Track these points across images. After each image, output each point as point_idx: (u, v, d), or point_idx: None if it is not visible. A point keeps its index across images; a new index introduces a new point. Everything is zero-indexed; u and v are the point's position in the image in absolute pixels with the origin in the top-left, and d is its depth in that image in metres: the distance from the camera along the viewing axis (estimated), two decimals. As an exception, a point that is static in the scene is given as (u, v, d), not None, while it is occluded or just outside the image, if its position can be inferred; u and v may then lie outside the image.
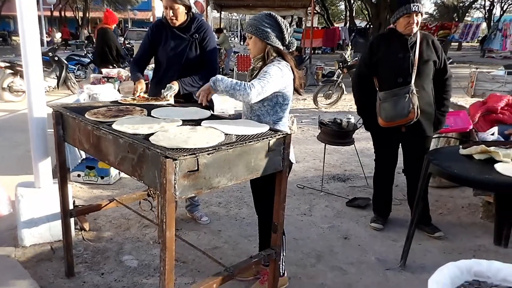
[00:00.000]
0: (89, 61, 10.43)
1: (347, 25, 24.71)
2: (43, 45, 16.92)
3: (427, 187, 2.85)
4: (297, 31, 18.04)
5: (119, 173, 3.84)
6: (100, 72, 5.40)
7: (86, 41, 19.82)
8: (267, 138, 1.70)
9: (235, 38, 34.66)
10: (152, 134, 1.65)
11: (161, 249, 1.49)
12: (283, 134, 1.78)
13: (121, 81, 4.62)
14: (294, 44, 2.07)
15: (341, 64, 8.22)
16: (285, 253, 2.24)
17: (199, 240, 2.82)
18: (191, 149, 1.48)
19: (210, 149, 1.50)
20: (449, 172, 2.18)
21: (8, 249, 2.57)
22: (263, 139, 1.69)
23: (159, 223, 1.49)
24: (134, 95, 2.52)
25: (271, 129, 1.84)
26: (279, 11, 16.57)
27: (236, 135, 1.71)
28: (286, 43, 2.03)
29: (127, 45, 15.02)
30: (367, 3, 22.76)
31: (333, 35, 19.81)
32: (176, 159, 1.39)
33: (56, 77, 8.30)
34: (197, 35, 2.66)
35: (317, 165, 4.40)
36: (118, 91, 4.39)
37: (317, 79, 10.23)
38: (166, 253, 1.47)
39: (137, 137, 1.61)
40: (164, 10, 2.61)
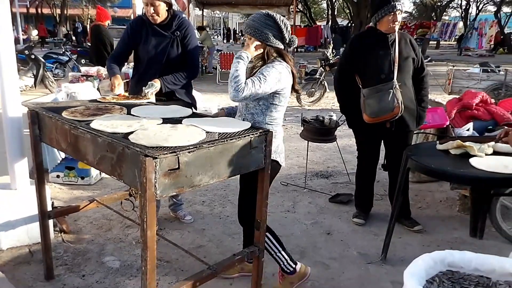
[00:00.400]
0: (67, 59, 10.22)
1: (329, 23, 24.90)
2: (19, 43, 16.41)
3: (407, 182, 2.91)
4: (279, 30, 18.04)
5: (100, 173, 3.77)
6: (79, 70, 5.28)
7: (64, 39, 19.39)
8: (248, 135, 1.71)
9: (218, 36, 34.50)
10: (131, 132, 1.63)
11: (142, 248, 1.47)
12: (265, 131, 1.78)
13: (101, 80, 4.54)
14: (295, 42, 2.03)
15: (323, 62, 8.28)
16: (278, 247, 2.18)
17: (182, 239, 2.81)
18: (171, 147, 1.48)
19: (191, 147, 1.49)
20: (427, 167, 2.24)
21: (-16, 253, 2.51)
22: (245, 136, 1.69)
23: (140, 223, 1.47)
24: (112, 91, 2.48)
25: (253, 126, 1.85)
26: (261, 9, 16.59)
27: (218, 133, 1.71)
28: (286, 42, 2.00)
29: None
30: (348, 2, 23.00)
31: (315, 34, 19.96)
32: (156, 158, 1.38)
33: (33, 76, 8.10)
34: (179, 33, 2.64)
35: (300, 162, 4.43)
36: (97, 90, 4.31)
37: (300, 77, 10.30)
38: (147, 252, 1.46)
39: (116, 136, 1.59)
40: (144, 7, 2.58)
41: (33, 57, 8.18)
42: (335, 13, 27.50)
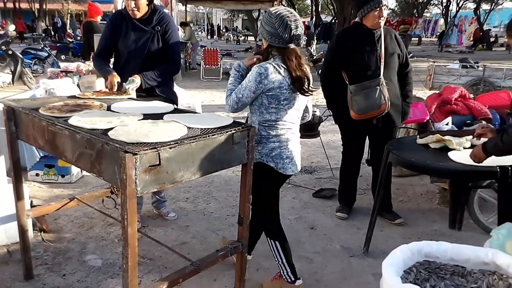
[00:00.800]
0: (47, 55, 9.97)
1: (313, 19, 24.98)
2: (-4, 38, 15.95)
3: (389, 176, 2.96)
4: (264, 25, 18.00)
5: (81, 171, 3.71)
6: (59, 66, 5.15)
7: (43, 34, 18.90)
8: (230, 131, 1.70)
9: (202, 32, 34.22)
10: (111, 128, 1.60)
11: (123, 246, 1.45)
12: (247, 127, 1.78)
13: (81, 76, 4.45)
14: (299, 38, 1.88)
15: (307, 58, 8.32)
16: (282, 257, 2.13)
17: (166, 236, 2.79)
18: (152, 143, 1.46)
19: (172, 143, 1.48)
20: (407, 161, 2.28)
21: (-40, 254, 2.44)
22: (227, 132, 1.68)
23: (121, 220, 1.45)
24: (112, 90, 2.42)
25: (235, 122, 1.84)
26: (245, 5, 16.49)
27: (199, 129, 1.69)
28: (286, 39, 1.87)
29: (88, 39, 14.43)
30: (332, -2, 23.09)
31: (299, 30, 19.94)
32: (136, 154, 1.36)
33: (10, 72, 7.88)
34: (159, 27, 2.60)
35: (284, 158, 4.44)
36: (77, 86, 4.22)
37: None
38: (128, 250, 1.44)
39: (95, 132, 1.56)
40: (125, 1, 2.53)
41: (10, 53, 7.96)
42: (319, 9, 27.59)
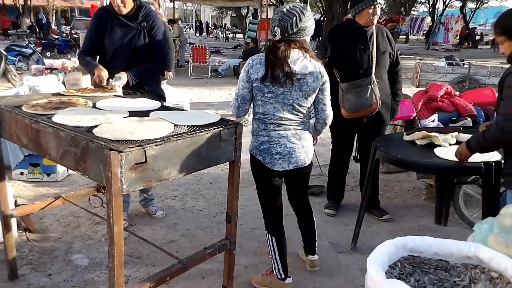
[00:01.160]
0: (31, 52, 9.81)
1: (301, 17, 24.99)
2: (-21, 35, 15.60)
3: (377, 173, 2.98)
4: (253, 23, 18.01)
5: (67, 169, 3.66)
6: (44, 63, 5.08)
7: (28, 31, 18.56)
8: (218, 128, 1.69)
9: (190, 29, 33.96)
10: (96, 126, 1.58)
11: (109, 244, 1.44)
12: (234, 124, 1.77)
13: (66, 73, 4.38)
14: (275, 32, 1.88)
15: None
16: (276, 253, 2.15)
17: (154, 234, 2.77)
18: (138, 140, 1.44)
19: (158, 140, 1.47)
20: (394, 157, 2.30)
21: None
22: (214, 129, 1.67)
23: (107, 218, 1.44)
24: (102, 83, 2.39)
25: (222, 119, 1.83)
26: (234, 2, 16.42)
27: (186, 126, 1.68)
28: (271, 33, 1.92)
29: (73, 35, 14.25)
30: (320, -4, 23.12)
31: (287, 27, 19.94)
32: (121, 151, 1.35)
33: (-6, 69, 7.70)
34: (145, 24, 2.57)
35: (272, 155, 4.45)
36: (62, 83, 4.16)
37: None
38: (114, 248, 1.43)
39: (79, 130, 1.54)
40: (111, -3, 2.50)
41: (-6, 49, 7.79)
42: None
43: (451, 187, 2.86)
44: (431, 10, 29.76)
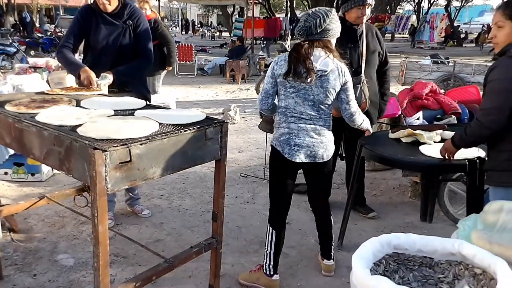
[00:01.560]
0: (15, 50, 9.61)
1: (288, 15, 25.04)
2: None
3: (363, 171, 3.01)
4: (239, 21, 17.98)
5: (52, 169, 3.60)
6: (28, 62, 4.97)
7: (12, 30, 18.14)
8: (203, 127, 1.69)
9: (176, 27, 33.67)
10: (80, 125, 1.56)
11: (94, 244, 1.43)
12: (219, 122, 1.77)
13: (50, 71, 4.30)
14: (300, 31, 2.02)
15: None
16: (272, 247, 2.18)
17: (140, 234, 2.75)
18: (122, 139, 1.43)
19: (143, 139, 1.46)
20: (379, 155, 2.33)
21: None
22: (199, 128, 1.67)
23: (92, 218, 1.42)
24: (92, 85, 2.31)
25: (208, 118, 1.83)
26: (220, 1, 16.37)
27: (171, 125, 1.67)
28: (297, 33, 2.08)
29: (58, 34, 14.00)
30: (307, -6, 23.18)
31: (274, 26, 19.98)
32: (106, 151, 1.33)
33: (-24, 68, 7.54)
34: (131, 22, 2.54)
35: (260, 153, 4.46)
36: (47, 82, 4.09)
37: (259, 69, 10.32)
38: (99, 248, 1.41)
39: (63, 129, 1.52)
40: (95, -6, 2.46)
41: (-25, 47, 7.61)
42: (294, 5, 27.68)
43: (436, 184, 2.89)
44: (416, 8, 30.10)
